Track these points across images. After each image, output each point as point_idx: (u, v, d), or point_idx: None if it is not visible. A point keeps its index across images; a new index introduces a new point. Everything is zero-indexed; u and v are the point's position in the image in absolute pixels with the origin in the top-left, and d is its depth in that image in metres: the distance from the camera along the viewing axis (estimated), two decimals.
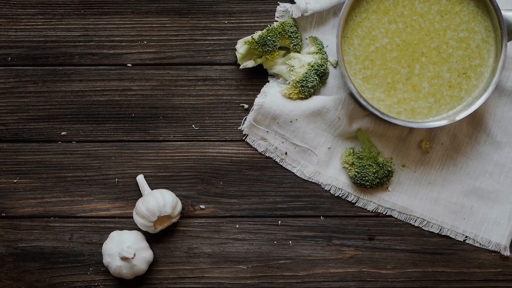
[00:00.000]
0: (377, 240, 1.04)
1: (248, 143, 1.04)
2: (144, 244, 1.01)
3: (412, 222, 1.04)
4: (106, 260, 1.00)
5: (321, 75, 1.02)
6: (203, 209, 1.04)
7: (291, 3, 1.03)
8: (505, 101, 1.04)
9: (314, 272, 1.04)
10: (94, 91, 1.04)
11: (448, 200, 1.04)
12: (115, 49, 1.04)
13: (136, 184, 1.04)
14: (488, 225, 1.04)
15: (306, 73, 1.00)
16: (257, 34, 1.00)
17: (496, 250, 1.04)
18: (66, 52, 1.04)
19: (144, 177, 1.03)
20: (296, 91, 1.01)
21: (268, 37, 0.99)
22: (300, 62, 1.01)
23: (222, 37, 1.04)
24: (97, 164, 1.04)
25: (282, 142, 1.03)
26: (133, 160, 1.04)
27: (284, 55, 1.02)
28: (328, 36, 1.03)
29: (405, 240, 1.04)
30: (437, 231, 1.04)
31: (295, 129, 1.02)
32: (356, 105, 1.01)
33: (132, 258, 0.98)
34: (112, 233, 1.01)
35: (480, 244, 1.04)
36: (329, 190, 1.04)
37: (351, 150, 1.02)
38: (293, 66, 1.01)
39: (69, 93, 1.04)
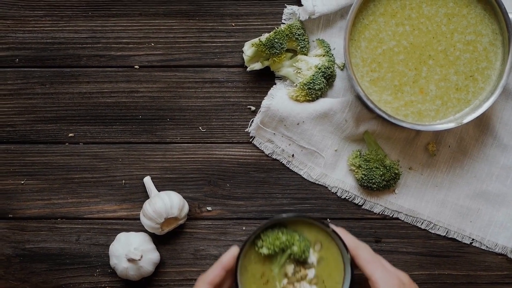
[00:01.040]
0: (383, 242, 1.04)
1: (255, 145, 1.04)
2: (151, 245, 1.01)
3: (418, 224, 1.04)
4: (113, 261, 1.00)
5: (328, 78, 1.02)
6: (209, 211, 1.04)
7: (299, 6, 1.03)
8: None
9: None
10: (101, 93, 1.04)
11: (455, 202, 1.04)
12: (123, 51, 1.04)
13: (143, 185, 1.04)
14: (495, 228, 1.04)
15: (313, 75, 1.00)
16: (264, 37, 1.00)
17: (503, 253, 1.04)
18: (74, 54, 1.04)
19: (151, 178, 1.03)
20: (303, 94, 1.01)
21: (276, 40, 0.99)
22: (307, 65, 1.01)
23: (229, 39, 1.04)
24: (104, 165, 1.04)
25: (289, 144, 1.03)
26: (140, 162, 1.04)
27: (291, 58, 1.03)
28: (335, 38, 1.03)
29: (412, 243, 1.04)
30: (444, 234, 1.04)
31: (302, 131, 1.02)
32: (363, 107, 1.01)
33: (139, 259, 0.98)
34: (119, 234, 1.01)
35: (487, 247, 1.04)
36: (335, 192, 1.04)
37: (358, 153, 1.02)
38: (300, 69, 1.01)
39: (77, 95, 1.04)
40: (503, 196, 1.04)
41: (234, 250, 0.88)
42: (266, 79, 1.04)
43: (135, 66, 1.04)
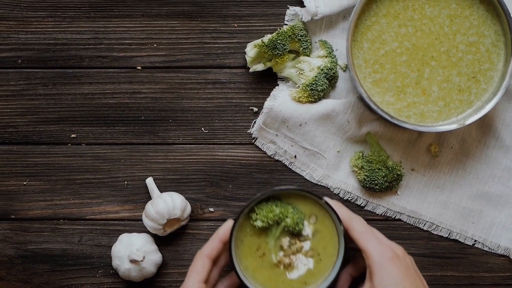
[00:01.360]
0: None
1: (257, 146, 1.04)
2: (153, 247, 1.01)
3: (421, 226, 1.04)
4: (115, 262, 1.00)
5: (331, 79, 1.02)
6: (212, 212, 1.04)
7: (301, 7, 1.03)
8: None
9: None
10: (103, 94, 1.04)
11: (457, 204, 1.04)
12: (125, 52, 1.04)
13: (146, 186, 1.04)
14: (497, 230, 1.04)
15: (316, 76, 1.00)
16: (267, 38, 1.00)
17: (505, 254, 1.04)
18: (76, 55, 1.04)
19: (154, 179, 1.03)
20: (305, 95, 1.01)
21: (278, 41, 0.99)
22: (310, 66, 1.01)
23: (231, 41, 1.04)
24: (106, 166, 1.04)
25: (291, 146, 1.03)
26: (142, 163, 1.04)
27: (293, 59, 1.03)
28: (338, 39, 1.03)
29: (414, 244, 1.04)
30: (446, 235, 1.04)
31: (304, 133, 1.02)
32: (366, 108, 1.01)
33: (141, 260, 0.98)
34: (121, 235, 1.01)
35: (489, 248, 1.04)
36: (338, 193, 1.04)
37: (360, 154, 1.02)
38: (302, 70, 1.01)
39: (79, 96, 1.04)
40: (505, 198, 1.04)
41: (229, 223, 0.90)
42: (268, 80, 1.04)
43: (138, 67, 1.04)
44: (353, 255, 0.94)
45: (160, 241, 1.03)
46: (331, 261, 0.92)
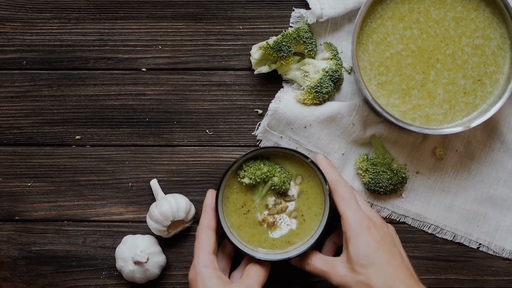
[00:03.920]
0: None
1: None
2: (157, 248, 1.01)
3: (425, 229, 1.04)
4: (119, 264, 1.00)
5: (336, 81, 1.01)
6: None
7: (306, 9, 1.03)
8: None
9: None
10: (108, 95, 1.04)
11: (462, 207, 1.04)
12: (130, 54, 1.04)
13: (150, 188, 1.04)
14: (502, 233, 1.03)
15: (321, 78, 1.00)
16: (272, 40, 1.00)
17: (510, 258, 1.04)
18: (81, 56, 1.04)
19: (158, 181, 1.03)
20: (310, 97, 1.01)
21: (283, 43, 0.99)
22: (315, 68, 1.01)
23: (236, 43, 1.04)
24: (111, 168, 1.04)
25: (296, 148, 1.03)
26: (147, 165, 1.04)
27: (298, 61, 1.02)
28: (343, 42, 1.03)
29: (419, 247, 1.04)
30: (451, 238, 1.04)
31: (309, 135, 1.02)
32: (371, 111, 1.01)
33: (145, 262, 0.98)
34: (125, 237, 1.01)
35: (494, 251, 1.04)
36: None
37: (365, 156, 1.02)
38: (307, 72, 1.01)
39: (84, 97, 1.04)
40: (510, 201, 1.04)
41: (212, 192, 0.94)
42: (273, 82, 1.04)
43: (143, 69, 1.04)
44: (337, 220, 0.95)
45: (164, 243, 1.03)
46: (317, 220, 0.95)
